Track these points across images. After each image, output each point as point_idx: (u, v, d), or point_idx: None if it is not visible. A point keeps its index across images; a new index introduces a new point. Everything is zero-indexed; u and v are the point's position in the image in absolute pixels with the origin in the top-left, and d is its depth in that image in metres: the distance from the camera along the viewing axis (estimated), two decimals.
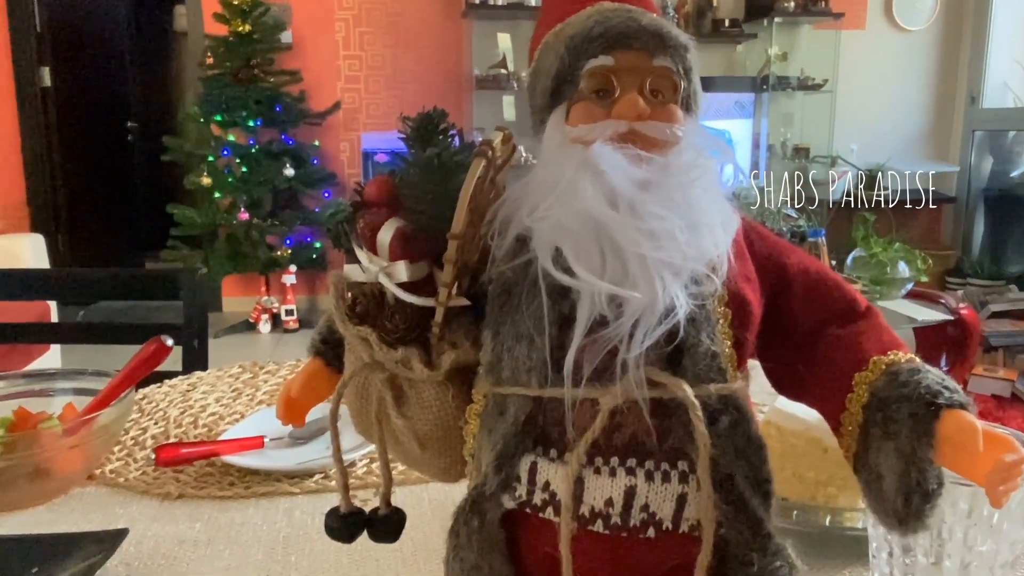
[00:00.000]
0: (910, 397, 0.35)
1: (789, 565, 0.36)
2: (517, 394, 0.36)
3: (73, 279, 1.52)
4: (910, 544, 0.53)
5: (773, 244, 0.40)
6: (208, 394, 1.12)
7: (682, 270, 0.34)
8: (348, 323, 0.39)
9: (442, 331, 0.38)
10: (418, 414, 0.39)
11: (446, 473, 0.41)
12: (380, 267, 0.38)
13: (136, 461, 0.91)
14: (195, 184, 4.08)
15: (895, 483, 0.35)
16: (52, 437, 0.80)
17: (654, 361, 0.35)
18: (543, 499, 0.36)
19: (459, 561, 0.37)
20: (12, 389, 0.94)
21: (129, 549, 0.73)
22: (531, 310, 0.36)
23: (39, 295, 1.74)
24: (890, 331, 0.39)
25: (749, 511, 0.35)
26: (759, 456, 0.36)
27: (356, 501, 0.45)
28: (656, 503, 0.35)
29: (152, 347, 0.84)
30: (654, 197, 0.34)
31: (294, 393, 0.43)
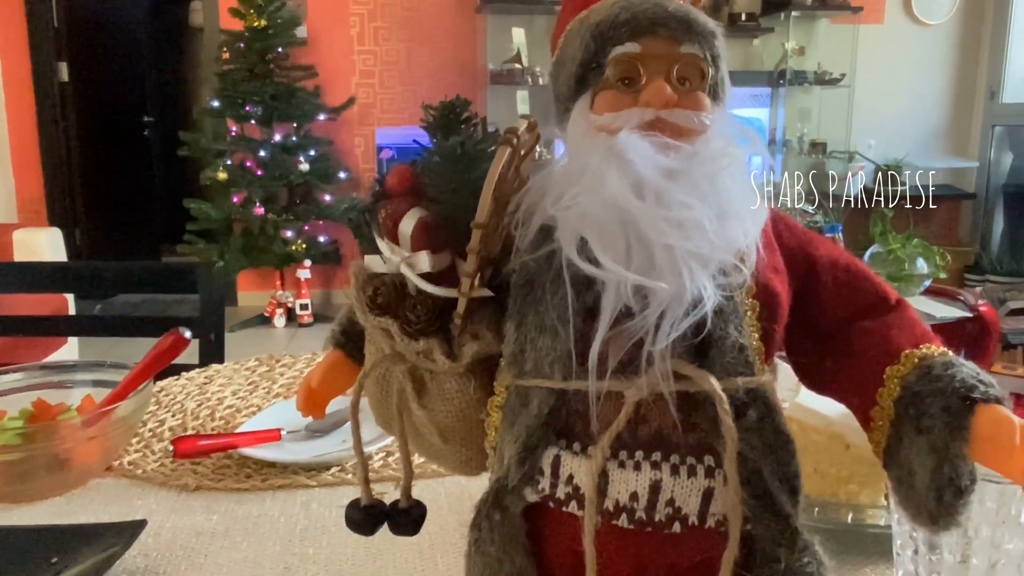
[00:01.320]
0: (944, 391, 0.34)
1: (817, 562, 0.36)
2: (540, 386, 0.36)
3: (90, 272, 1.52)
4: (936, 542, 0.52)
5: (802, 235, 0.39)
6: (225, 387, 1.12)
7: (710, 261, 0.33)
8: (369, 314, 0.39)
9: (464, 322, 0.38)
10: (439, 406, 0.39)
11: (467, 466, 0.41)
12: (402, 257, 0.37)
13: (154, 453, 0.92)
14: (211, 179, 4.10)
15: (927, 479, 0.34)
16: (71, 428, 0.80)
17: (680, 353, 0.34)
18: (566, 493, 0.35)
19: (480, 555, 0.37)
20: (31, 381, 0.94)
21: (147, 540, 0.73)
22: (555, 301, 0.35)
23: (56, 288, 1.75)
24: (922, 324, 0.38)
25: (777, 507, 0.34)
26: (787, 451, 0.35)
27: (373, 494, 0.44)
28: (682, 498, 0.34)
29: (170, 339, 0.84)
30: (682, 186, 0.33)
31: (314, 385, 0.42)
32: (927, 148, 4.84)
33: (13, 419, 0.85)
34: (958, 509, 0.34)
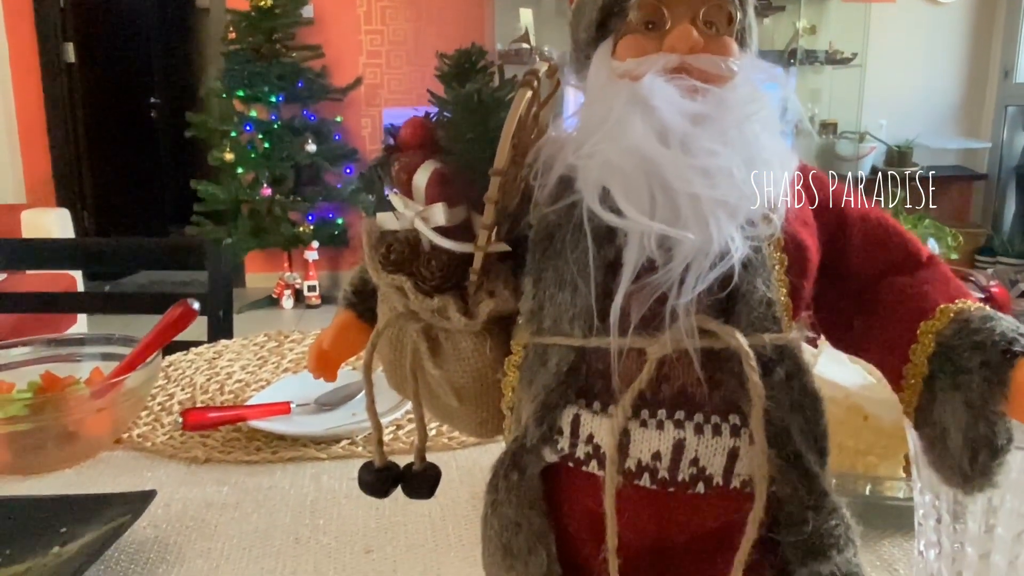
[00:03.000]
0: (983, 344, 0.33)
1: (845, 524, 0.35)
2: (559, 344, 0.34)
3: (98, 249, 1.52)
4: (960, 511, 0.51)
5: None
6: (234, 362, 1.11)
7: (738, 210, 0.32)
8: (382, 271, 0.38)
9: (480, 279, 0.37)
10: (454, 366, 0.38)
11: (483, 428, 0.40)
12: (416, 211, 0.36)
13: (163, 426, 0.91)
14: (218, 160, 4.09)
15: (961, 438, 0.33)
16: (79, 400, 0.80)
17: (705, 309, 0.33)
18: (586, 452, 0.34)
19: (497, 517, 0.36)
20: (40, 354, 0.94)
21: (157, 511, 0.73)
22: (575, 255, 0.34)
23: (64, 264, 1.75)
24: (956, 280, 0.37)
25: (804, 467, 0.33)
26: (816, 409, 0.34)
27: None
28: (706, 457, 0.33)
29: (178, 311, 0.84)
30: (708, 132, 0.32)
31: (326, 346, 0.41)
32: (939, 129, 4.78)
33: (22, 392, 0.85)
34: (993, 470, 0.33)
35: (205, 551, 0.67)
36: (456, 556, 0.65)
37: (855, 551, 0.35)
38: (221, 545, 0.68)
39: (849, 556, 0.35)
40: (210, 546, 0.68)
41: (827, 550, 0.34)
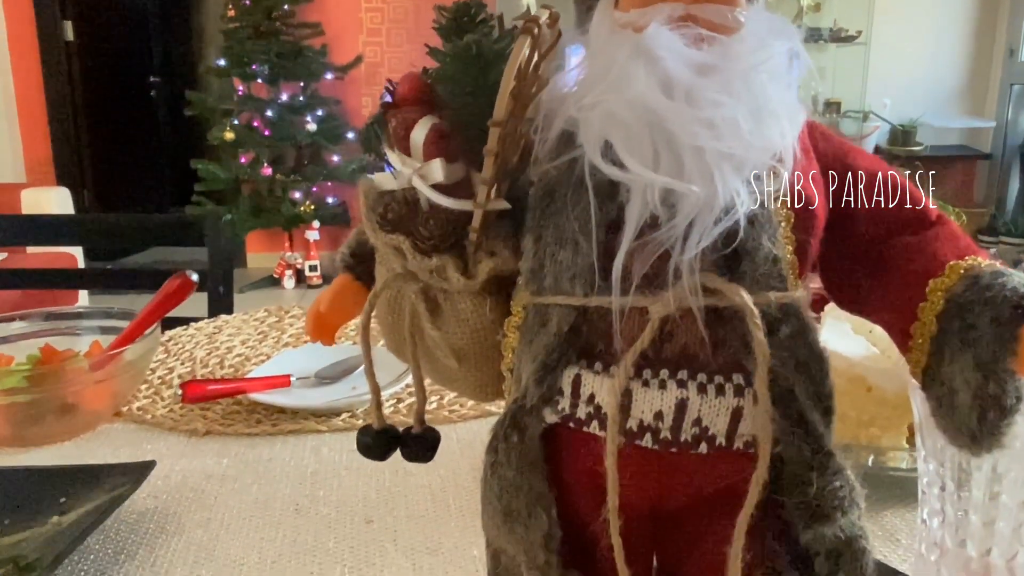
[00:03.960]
0: (994, 300, 0.32)
1: (850, 486, 0.34)
2: (560, 304, 0.34)
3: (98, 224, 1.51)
4: (964, 479, 0.51)
5: (839, 145, 0.37)
6: (234, 336, 1.11)
7: (744, 164, 0.31)
8: (379, 231, 0.37)
9: (480, 238, 0.36)
10: (453, 328, 0.37)
11: (482, 391, 0.39)
12: (413, 168, 0.35)
13: (163, 399, 0.91)
14: (218, 139, 4.07)
15: (969, 398, 0.32)
16: (78, 372, 0.79)
17: (709, 266, 0.32)
18: (587, 412, 0.34)
19: (497, 479, 0.35)
20: (39, 327, 0.94)
21: (157, 483, 0.73)
22: (576, 212, 0.33)
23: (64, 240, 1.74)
24: (966, 238, 0.36)
25: (809, 427, 0.33)
26: (821, 369, 0.33)
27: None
28: (709, 417, 0.32)
29: (177, 282, 0.83)
30: (714, 83, 0.31)
31: (323, 308, 0.41)
32: (943, 107, 4.75)
33: (21, 365, 0.84)
34: (1001, 429, 0.32)
35: (205, 521, 0.67)
36: (456, 526, 0.65)
37: (859, 513, 0.35)
38: (221, 515, 0.68)
39: (853, 518, 0.35)
40: (210, 516, 0.68)
41: (831, 512, 0.34)
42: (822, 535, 0.34)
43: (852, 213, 0.36)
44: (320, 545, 0.63)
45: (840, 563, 0.34)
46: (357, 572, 0.59)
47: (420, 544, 0.63)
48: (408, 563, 0.60)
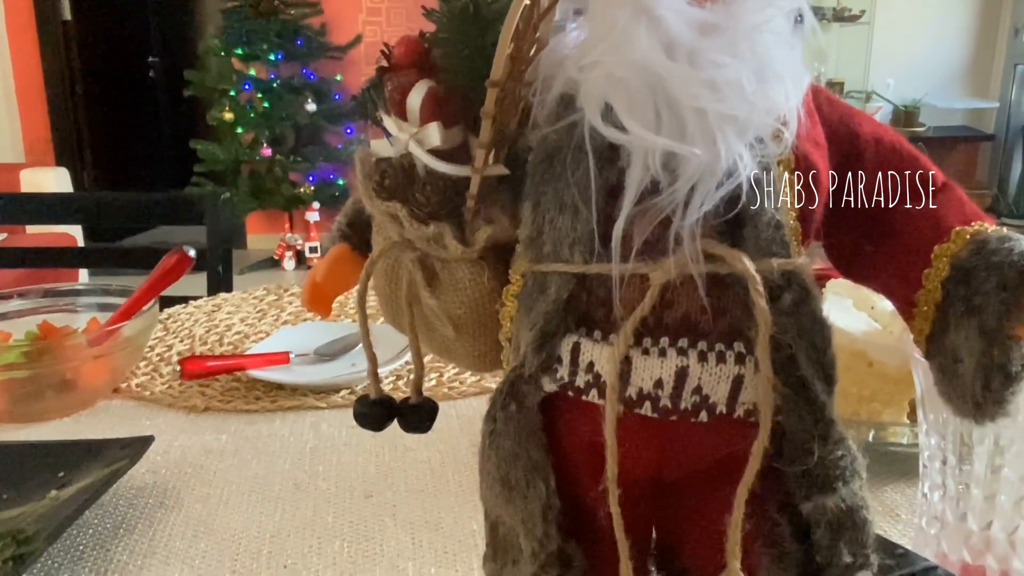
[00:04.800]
0: (1000, 265, 0.31)
1: (851, 455, 0.34)
2: (559, 271, 0.33)
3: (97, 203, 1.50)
4: (965, 453, 0.51)
5: (844, 110, 0.36)
6: (233, 314, 1.11)
7: (747, 126, 0.30)
8: (376, 199, 0.36)
9: (477, 205, 0.35)
10: (451, 296, 0.37)
11: (480, 361, 0.39)
12: (410, 133, 0.35)
13: (162, 376, 0.91)
14: (217, 119, 4.05)
15: (974, 365, 0.32)
16: (76, 348, 0.79)
17: (710, 232, 0.32)
18: (586, 381, 0.33)
19: (495, 449, 0.35)
20: (36, 304, 0.93)
21: (155, 458, 0.73)
22: (576, 177, 0.32)
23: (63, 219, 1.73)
24: (973, 204, 0.35)
25: (810, 395, 0.32)
26: (823, 337, 0.33)
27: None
28: (709, 385, 0.32)
29: (174, 258, 0.83)
30: (717, 43, 0.30)
31: (319, 278, 0.40)
32: (947, 88, 4.71)
33: (19, 341, 0.84)
34: (1006, 397, 0.32)
35: (204, 496, 0.67)
36: (455, 501, 0.65)
37: (861, 483, 0.34)
38: (220, 491, 0.68)
39: (855, 488, 0.34)
40: (209, 491, 0.67)
41: (833, 482, 0.33)
42: (823, 505, 0.34)
43: (856, 179, 0.36)
44: (319, 519, 0.63)
45: (841, 533, 0.34)
46: (356, 546, 0.59)
47: (419, 519, 0.63)
48: (407, 537, 0.60)
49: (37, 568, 0.56)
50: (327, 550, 0.59)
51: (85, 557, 0.58)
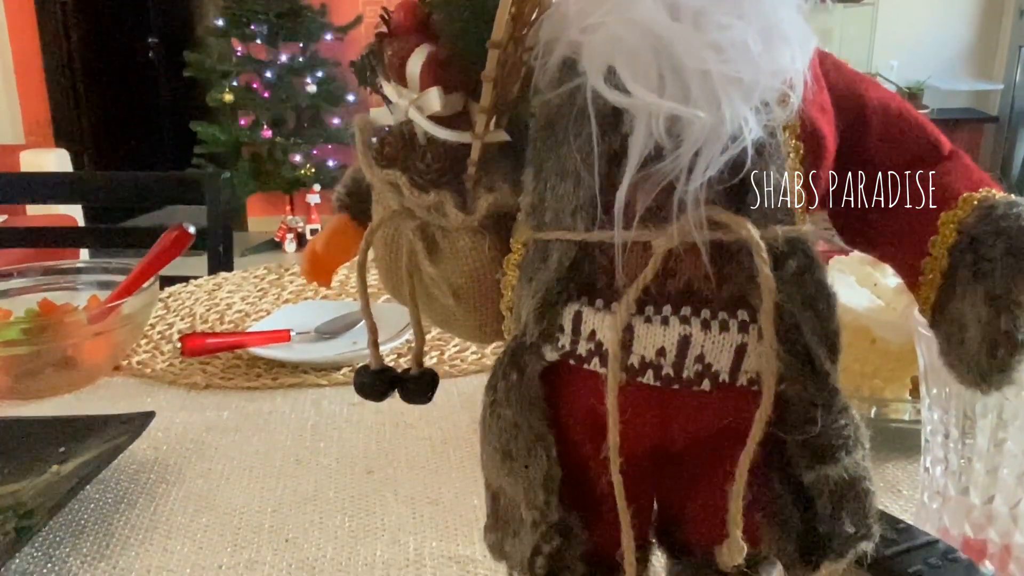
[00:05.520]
0: (1009, 230, 0.31)
1: (855, 425, 0.33)
2: (561, 239, 0.33)
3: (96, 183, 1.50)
4: (968, 427, 0.50)
5: (850, 75, 0.36)
6: (234, 293, 1.11)
7: (752, 89, 0.30)
8: (375, 167, 0.36)
9: (478, 172, 0.35)
10: (452, 265, 0.36)
11: (481, 331, 0.39)
12: (410, 100, 0.34)
13: (163, 353, 0.91)
14: (217, 101, 4.04)
15: (980, 333, 0.31)
16: (76, 324, 0.79)
17: (714, 199, 0.31)
18: (588, 349, 0.33)
19: (496, 418, 0.35)
20: (37, 282, 0.93)
21: (157, 434, 0.73)
22: (578, 143, 0.32)
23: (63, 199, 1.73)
24: (980, 171, 0.35)
25: (814, 364, 0.32)
26: (828, 305, 0.32)
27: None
28: (712, 354, 0.32)
29: (173, 234, 0.82)
30: (722, 5, 0.30)
31: (319, 249, 0.40)
32: (951, 69, 4.68)
33: (19, 318, 0.84)
34: (1012, 365, 0.31)
35: (205, 472, 0.67)
36: (457, 477, 0.65)
37: (864, 453, 0.34)
38: (221, 466, 0.68)
39: (858, 458, 0.34)
40: (210, 467, 0.68)
41: (835, 451, 0.33)
42: (825, 475, 0.33)
43: (863, 146, 0.35)
44: (320, 494, 0.63)
45: (843, 504, 0.34)
46: (357, 520, 0.59)
47: (420, 494, 0.63)
48: (408, 512, 0.60)
49: (39, 542, 0.56)
50: (328, 524, 0.59)
51: (87, 531, 0.58)
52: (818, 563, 0.35)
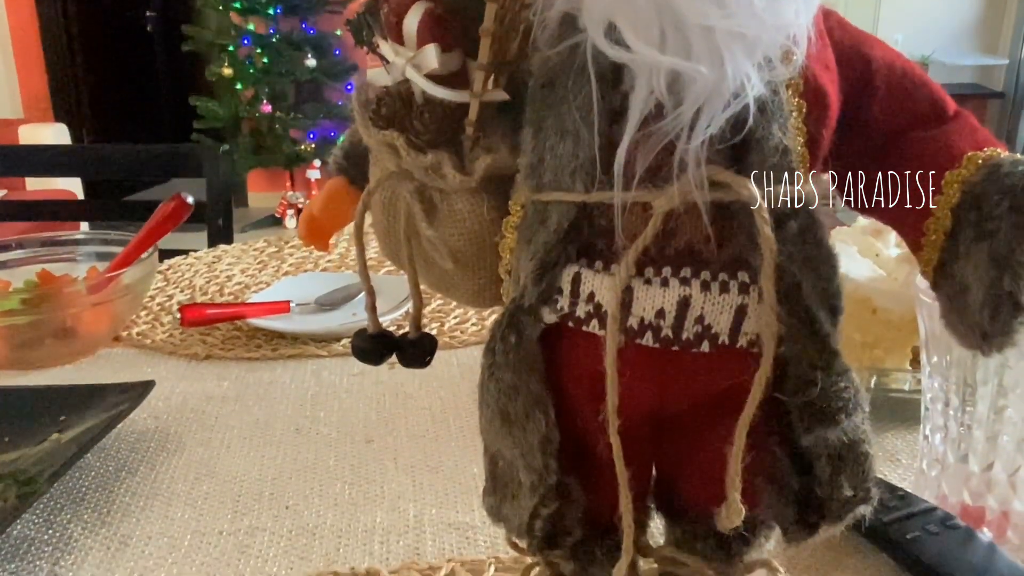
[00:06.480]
0: (1013, 188, 0.30)
1: (854, 388, 0.33)
2: (560, 200, 0.32)
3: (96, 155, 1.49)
4: (969, 395, 0.50)
5: (855, 33, 0.35)
6: (233, 265, 1.10)
7: (755, 45, 0.29)
8: (372, 128, 0.36)
9: (477, 133, 0.35)
10: (450, 229, 0.36)
11: (480, 296, 0.38)
12: (407, 58, 0.34)
13: (163, 325, 0.91)
14: (216, 75, 4.01)
15: (982, 294, 0.31)
16: (75, 295, 0.79)
17: (715, 158, 0.31)
18: (587, 311, 0.33)
19: (495, 381, 0.35)
20: (35, 253, 0.93)
21: (157, 404, 0.73)
22: (578, 101, 0.31)
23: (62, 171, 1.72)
24: (985, 131, 0.35)
25: (815, 325, 0.32)
26: (829, 266, 0.32)
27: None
28: (712, 315, 0.31)
29: (172, 204, 0.82)
30: None
31: (316, 212, 0.40)
32: (956, 44, 4.63)
33: (18, 289, 0.84)
34: (1014, 327, 0.31)
35: (205, 440, 0.67)
36: (456, 446, 0.65)
37: (864, 417, 0.34)
38: (221, 435, 0.68)
39: (857, 421, 0.34)
40: (210, 436, 0.68)
41: (835, 414, 0.33)
42: (824, 438, 0.33)
43: (867, 105, 0.35)
44: (321, 463, 0.63)
45: (842, 467, 0.34)
46: (357, 488, 0.60)
47: (420, 462, 0.63)
48: (408, 479, 0.60)
49: (40, 509, 0.57)
50: (328, 492, 0.59)
51: (87, 499, 0.58)
52: (816, 526, 0.35)
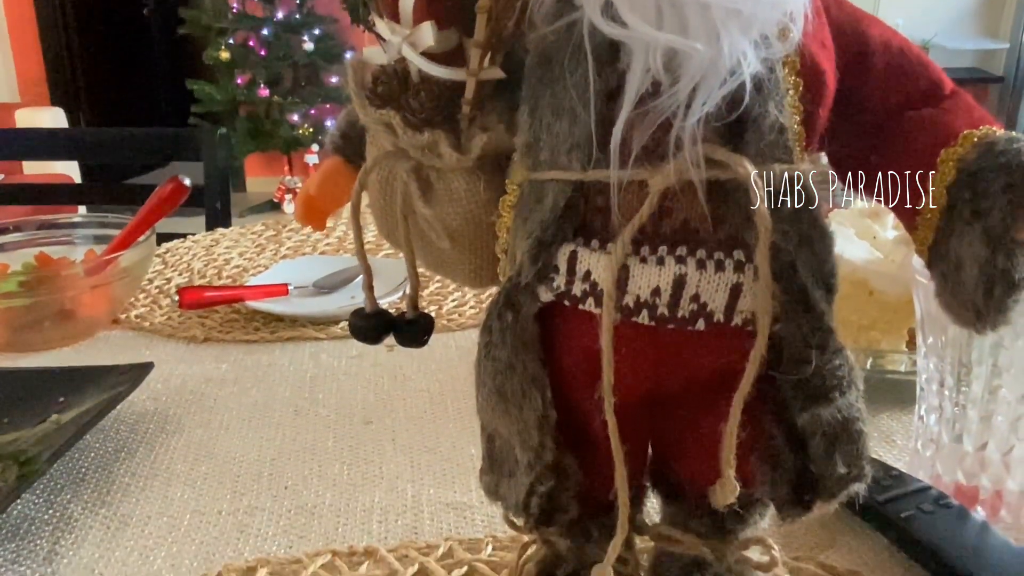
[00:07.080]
0: (1008, 166, 0.31)
1: (849, 366, 0.33)
2: (556, 179, 0.33)
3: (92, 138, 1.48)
4: (964, 375, 0.50)
5: (852, 11, 0.35)
6: (231, 248, 1.10)
7: (752, 22, 0.29)
8: (368, 107, 0.36)
9: (473, 111, 0.34)
10: (447, 208, 0.36)
11: (476, 276, 0.39)
12: (403, 36, 0.33)
13: (161, 307, 0.91)
14: (213, 59, 3.99)
15: (976, 272, 0.31)
16: (73, 277, 0.79)
17: (711, 137, 0.31)
18: (583, 290, 0.33)
19: (491, 360, 0.35)
20: (33, 236, 0.93)
21: (156, 386, 0.73)
22: (574, 79, 0.31)
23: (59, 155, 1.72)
24: (981, 109, 0.35)
25: (810, 304, 0.32)
26: (824, 245, 0.32)
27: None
28: (707, 293, 0.32)
29: (169, 187, 0.82)
30: None
31: (313, 191, 0.40)
32: (957, 28, 4.61)
33: (16, 271, 0.84)
34: (1008, 305, 0.31)
35: (204, 422, 0.67)
36: (454, 427, 0.66)
37: (858, 395, 0.34)
38: (220, 417, 0.68)
39: (851, 399, 0.34)
40: (209, 418, 0.68)
41: (829, 392, 0.33)
42: (819, 416, 0.33)
43: (863, 83, 0.35)
44: (319, 444, 0.63)
45: (836, 445, 0.34)
46: (356, 469, 0.60)
47: (418, 443, 0.63)
48: (406, 460, 0.61)
49: (40, 488, 0.57)
50: (327, 472, 0.59)
51: (87, 479, 0.59)
52: (811, 504, 0.35)
